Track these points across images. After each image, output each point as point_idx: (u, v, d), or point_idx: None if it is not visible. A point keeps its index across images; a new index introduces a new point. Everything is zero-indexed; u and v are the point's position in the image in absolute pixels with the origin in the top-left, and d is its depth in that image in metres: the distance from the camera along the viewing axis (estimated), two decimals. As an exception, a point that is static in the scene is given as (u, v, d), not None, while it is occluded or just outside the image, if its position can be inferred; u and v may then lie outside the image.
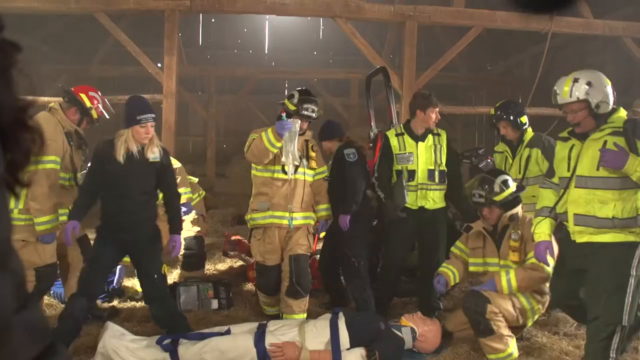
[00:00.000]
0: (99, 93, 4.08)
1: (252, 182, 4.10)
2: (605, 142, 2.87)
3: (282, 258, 4.02)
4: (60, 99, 4.07)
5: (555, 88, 3.02)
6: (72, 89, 4.02)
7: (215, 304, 4.51)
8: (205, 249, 5.49)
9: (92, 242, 3.94)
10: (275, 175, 3.90)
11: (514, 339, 3.50)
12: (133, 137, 3.47)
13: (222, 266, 5.90)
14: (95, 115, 4.01)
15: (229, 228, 7.86)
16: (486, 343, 3.42)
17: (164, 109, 6.67)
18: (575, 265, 3.09)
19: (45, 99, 6.36)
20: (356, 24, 7.14)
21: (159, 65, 6.97)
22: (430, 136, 4.26)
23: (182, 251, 5.05)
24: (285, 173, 3.87)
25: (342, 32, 7.04)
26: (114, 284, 4.78)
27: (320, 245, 5.15)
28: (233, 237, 5.71)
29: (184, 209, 4.68)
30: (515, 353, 3.47)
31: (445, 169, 4.25)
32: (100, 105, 4.02)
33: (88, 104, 3.96)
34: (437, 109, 4.27)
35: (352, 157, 4.33)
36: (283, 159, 3.79)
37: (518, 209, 3.71)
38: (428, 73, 7.07)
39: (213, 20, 13.06)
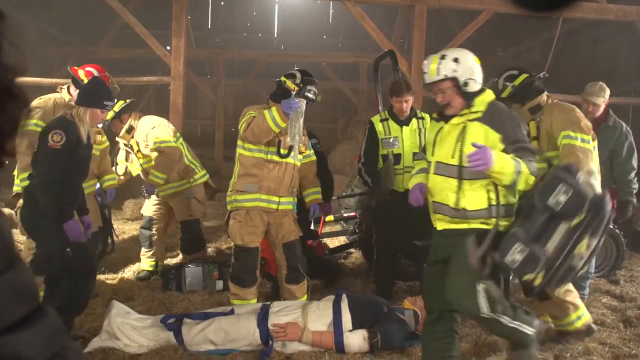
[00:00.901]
0: (100, 69, 4.16)
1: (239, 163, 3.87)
2: (465, 127, 2.70)
3: (262, 242, 3.89)
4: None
5: (423, 67, 2.82)
6: (71, 67, 4.21)
7: (220, 284, 4.55)
8: (204, 231, 5.47)
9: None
10: (269, 157, 3.72)
11: (579, 307, 3.38)
12: (88, 118, 3.34)
13: (228, 248, 5.94)
14: None
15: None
16: (541, 306, 3.37)
17: (171, 92, 6.68)
18: (438, 256, 2.86)
19: (54, 80, 6.42)
20: (365, 8, 7.08)
21: (168, 48, 6.96)
22: (414, 120, 4.33)
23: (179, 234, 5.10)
24: (280, 155, 3.74)
25: (352, 15, 6.97)
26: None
27: (324, 230, 5.18)
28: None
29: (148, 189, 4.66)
30: (580, 322, 3.35)
31: None
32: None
33: (82, 77, 4.07)
34: (404, 99, 4.24)
35: (319, 147, 4.44)
36: (289, 140, 3.58)
37: (537, 100, 3.59)
38: (437, 57, 6.99)
39: (222, 2, 12.98)
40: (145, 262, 4.96)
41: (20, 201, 3.90)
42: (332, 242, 6.21)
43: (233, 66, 12.66)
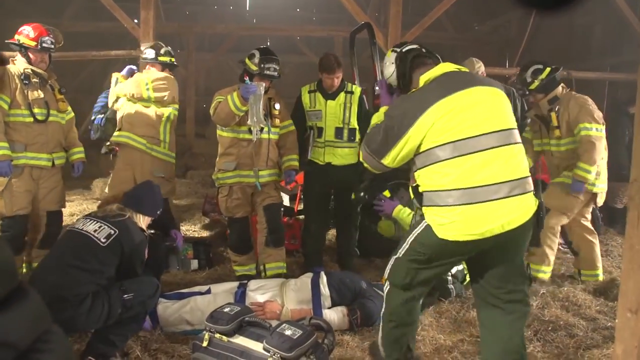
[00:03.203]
0: (35, 24, 4.00)
1: (219, 143, 4.08)
2: None
3: (251, 212, 4.16)
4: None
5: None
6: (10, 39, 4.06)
7: (195, 264, 4.45)
8: (177, 209, 5.31)
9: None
10: (242, 136, 3.95)
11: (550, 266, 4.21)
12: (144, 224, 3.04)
13: (202, 227, 5.83)
14: (30, 43, 3.94)
15: (208, 189, 7.73)
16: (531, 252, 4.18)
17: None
18: None
19: (15, 53, 6.08)
20: (340, -21, 6.87)
21: (136, 20, 6.68)
22: (342, 94, 4.25)
23: None
24: (251, 134, 3.91)
25: (326, -14, 6.78)
26: None
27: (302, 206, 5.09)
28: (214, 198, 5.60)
29: None
30: (546, 275, 4.19)
31: (357, 127, 4.23)
32: (28, 33, 3.95)
33: (22, 40, 3.94)
34: (335, 76, 4.15)
35: None
36: (249, 121, 3.80)
37: (555, 92, 4.20)
38: (413, 31, 6.87)
39: (192, -26, 12.56)
40: None
41: None
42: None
43: (204, 40, 12.33)
